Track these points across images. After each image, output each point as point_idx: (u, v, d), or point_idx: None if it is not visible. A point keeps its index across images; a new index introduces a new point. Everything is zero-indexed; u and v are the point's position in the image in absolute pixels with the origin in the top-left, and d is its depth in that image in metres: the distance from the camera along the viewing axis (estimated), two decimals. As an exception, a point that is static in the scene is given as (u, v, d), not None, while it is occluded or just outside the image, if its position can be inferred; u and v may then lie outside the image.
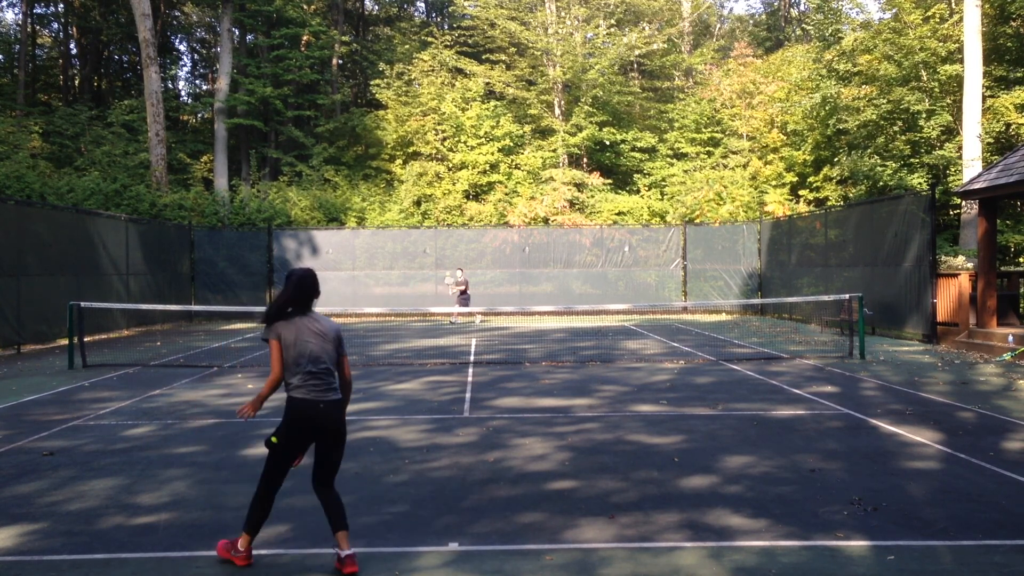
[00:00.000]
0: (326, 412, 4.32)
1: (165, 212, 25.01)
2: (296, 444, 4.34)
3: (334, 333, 4.44)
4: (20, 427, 8.06)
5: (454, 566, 4.34)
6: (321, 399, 4.32)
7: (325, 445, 4.39)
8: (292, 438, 4.32)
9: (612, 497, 5.53)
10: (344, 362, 4.50)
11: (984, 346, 13.65)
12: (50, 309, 15.64)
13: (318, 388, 4.32)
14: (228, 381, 11.17)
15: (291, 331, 4.32)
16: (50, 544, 4.71)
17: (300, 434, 4.33)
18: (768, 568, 4.26)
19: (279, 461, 4.36)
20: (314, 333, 4.35)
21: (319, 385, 4.33)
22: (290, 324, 4.34)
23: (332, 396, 4.37)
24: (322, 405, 4.32)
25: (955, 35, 22.20)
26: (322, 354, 4.35)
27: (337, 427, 4.38)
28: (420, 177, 29.37)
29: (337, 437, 4.40)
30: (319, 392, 4.32)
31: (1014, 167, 13.51)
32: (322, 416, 4.31)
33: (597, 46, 32.52)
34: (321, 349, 4.34)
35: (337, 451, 4.43)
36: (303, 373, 4.31)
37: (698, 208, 26.38)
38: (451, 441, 7.30)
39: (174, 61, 43.63)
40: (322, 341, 4.36)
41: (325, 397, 4.33)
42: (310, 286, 4.40)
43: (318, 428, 4.33)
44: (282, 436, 4.32)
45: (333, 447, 4.40)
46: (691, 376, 11.30)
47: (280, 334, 4.33)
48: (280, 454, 4.35)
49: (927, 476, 6.00)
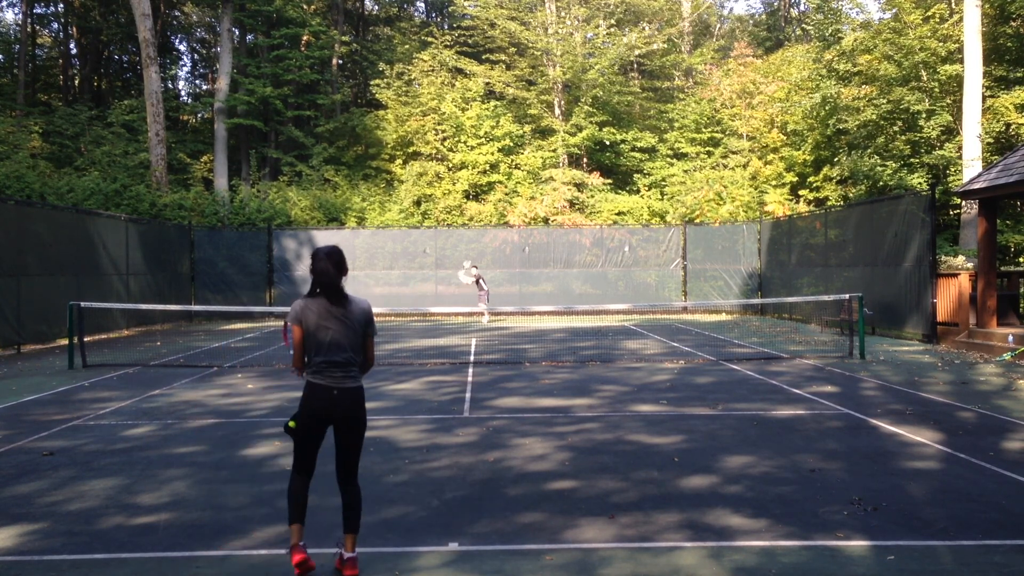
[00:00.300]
0: (339, 398, 4.21)
1: (165, 212, 25.01)
2: (310, 429, 4.26)
3: (363, 317, 4.29)
4: (20, 427, 8.06)
5: (454, 566, 4.33)
6: (336, 386, 4.21)
7: (340, 433, 4.29)
8: (306, 423, 4.25)
9: (612, 497, 5.53)
10: (370, 344, 4.37)
11: (984, 346, 13.65)
12: (50, 309, 15.64)
13: (334, 375, 4.22)
14: (228, 381, 11.17)
15: (312, 316, 4.20)
16: (50, 544, 4.71)
17: (313, 419, 4.24)
18: (768, 568, 4.26)
19: (299, 446, 4.29)
20: (337, 319, 4.21)
21: (336, 372, 4.22)
22: (312, 308, 4.21)
23: (348, 384, 4.25)
24: (336, 392, 4.21)
25: (955, 35, 22.20)
26: (343, 341, 4.22)
27: (350, 414, 4.25)
28: (420, 177, 29.38)
29: (352, 425, 4.27)
30: (335, 379, 4.22)
31: (1014, 167, 13.52)
32: (335, 402, 4.21)
33: (597, 46, 32.52)
34: (343, 336, 4.21)
35: (353, 440, 4.30)
36: (322, 360, 4.21)
37: (698, 208, 26.39)
38: (451, 441, 7.30)
39: (174, 61, 43.64)
40: (344, 327, 4.22)
41: (340, 384, 4.22)
42: (334, 265, 4.20)
43: (331, 414, 4.23)
44: (298, 420, 4.28)
45: (348, 435, 4.28)
46: (691, 376, 11.30)
47: (301, 319, 4.22)
48: (299, 439, 4.28)
49: (927, 476, 6.00)
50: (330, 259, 4.21)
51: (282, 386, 10.66)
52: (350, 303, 4.27)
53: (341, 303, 4.24)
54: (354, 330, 4.27)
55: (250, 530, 4.92)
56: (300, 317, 4.22)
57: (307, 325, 4.21)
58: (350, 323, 4.25)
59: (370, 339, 4.38)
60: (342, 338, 4.22)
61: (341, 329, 4.22)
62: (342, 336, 4.22)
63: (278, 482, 5.97)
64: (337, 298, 4.24)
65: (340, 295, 4.25)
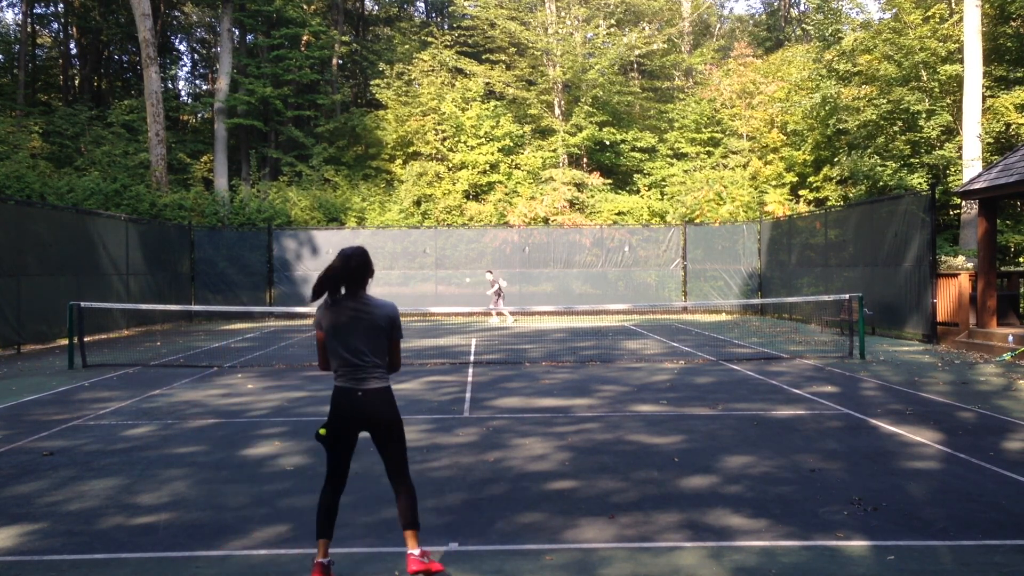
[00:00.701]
0: (365, 400, 4.09)
1: (165, 212, 25.02)
2: (339, 435, 4.16)
3: (386, 321, 4.13)
4: (20, 427, 8.06)
5: (454, 566, 4.33)
6: (359, 387, 4.10)
7: (376, 437, 4.19)
8: (335, 428, 4.15)
9: (612, 497, 5.53)
10: (394, 347, 4.23)
11: (984, 346, 13.65)
12: (50, 309, 15.64)
13: (357, 377, 4.10)
14: (228, 381, 11.17)
15: (333, 320, 4.08)
16: (50, 544, 4.71)
17: (341, 423, 4.14)
18: (768, 568, 4.26)
19: (329, 454, 4.19)
20: (359, 322, 4.08)
21: (358, 374, 4.10)
22: (334, 312, 4.09)
23: (373, 384, 4.11)
24: (360, 393, 4.09)
25: (955, 35, 22.21)
26: (364, 345, 4.09)
27: (381, 417, 4.13)
28: (420, 177, 29.38)
29: (387, 428, 4.16)
30: (357, 381, 4.10)
31: (1014, 167, 13.52)
32: (360, 404, 4.09)
33: (597, 46, 32.52)
34: (364, 339, 4.08)
35: (391, 443, 4.18)
36: (343, 364, 4.12)
37: (698, 208, 26.39)
38: (451, 441, 7.30)
39: (174, 61, 43.65)
40: (366, 330, 4.09)
41: (364, 385, 4.10)
42: (355, 267, 4.06)
43: (359, 418, 4.12)
44: (327, 426, 4.19)
45: (385, 438, 4.17)
46: (691, 376, 11.30)
47: (323, 324, 4.13)
48: (328, 445, 4.18)
49: (927, 476, 6.00)
50: (349, 261, 4.08)
51: (282, 386, 10.67)
52: (373, 306, 4.13)
53: (365, 305, 4.10)
54: (381, 332, 4.14)
55: (250, 530, 4.92)
56: (320, 321, 4.16)
57: (327, 329, 4.13)
58: (375, 327, 4.11)
59: (395, 342, 4.24)
60: (363, 342, 4.10)
61: (363, 332, 4.09)
62: (363, 340, 4.10)
63: (278, 482, 5.97)
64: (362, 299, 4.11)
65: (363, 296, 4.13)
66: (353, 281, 4.09)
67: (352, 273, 4.07)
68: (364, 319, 4.09)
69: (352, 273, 4.07)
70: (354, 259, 4.07)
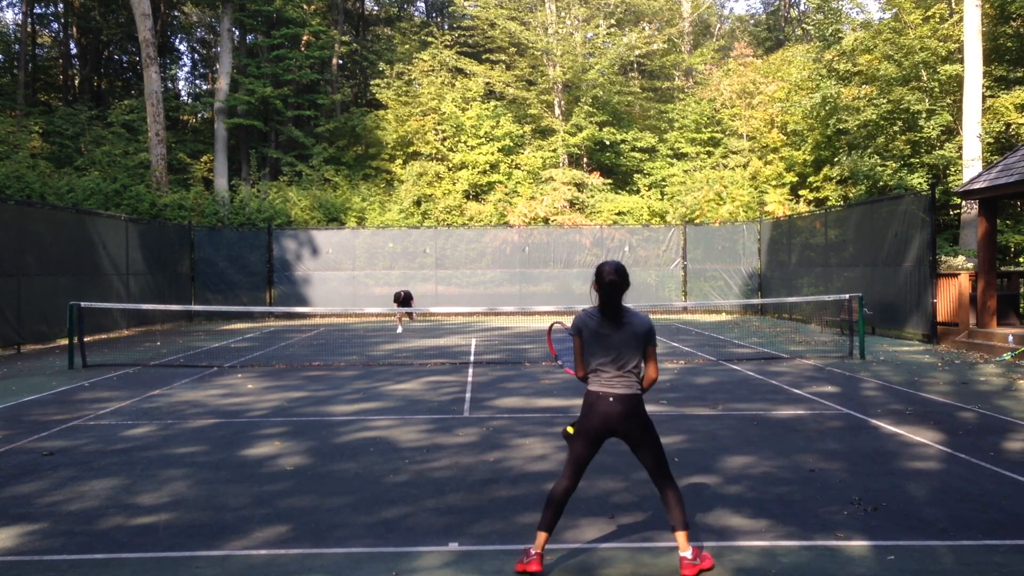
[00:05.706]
0: (614, 405, 4.20)
1: (165, 212, 25.01)
2: (586, 436, 4.27)
3: (642, 330, 4.26)
4: (20, 427, 8.06)
5: (454, 566, 4.33)
6: (611, 392, 4.22)
7: (628, 442, 4.30)
8: (583, 429, 4.28)
9: (612, 497, 5.54)
10: (650, 353, 4.32)
11: (984, 346, 13.65)
12: (50, 309, 15.64)
13: (610, 383, 4.23)
14: (228, 381, 11.17)
15: (591, 328, 4.25)
16: (50, 544, 4.70)
17: (589, 426, 4.26)
18: (768, 568, 4.26)
19: (571, 452, 4.30)
20: (617, 332, 4.23)
21: (611, 380, 4.23)
22: (593, 319, 4.25)
23: (624, 390, 4.23)
24: (611, 398, 4.21)
25: (955, 35, 22.20)
26: (618, 354, 4.23)
27: (630, 423, 4.22)
28: (420, 177, 29.38)
29: (639, 433, 4.24)
30: (610, 386, 4.23)
31: (1014, 167, 13.51)
32: (609, 409, 4.20)
33: (597, 46, 32.52)
34: (620, 349, 4.23)
35: (645, 446, 4.26)
36: (598, 370, 4.26)
37: (698, 208, 26.39)
38: (451, 441, 7.30)
39: (174, 61, 43.63)
40: (622, 340, 4.23)
41: (615, 390, 4.22)
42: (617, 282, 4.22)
43: (608, 423, 4.22)
44: (577, 426, 4.32)
45: (638, 442, 4.26)
46: (691, 376, 11.30)
47: (581, 329, 4.28)
48: (575, 445, 4.30)
49: (927, 476, 6.00)
50: (611, 276, 4.22)
51: (282, 386, 10.67)
52: (630, 317, 4.27)
53: (622, 316, 4.26)
54: (636, 342, 4.26)
55: (250, 530, 4.92)
56: (578, 327, 4.29)
57: (585, 336, 4.27)
58: (631, 336, 4.25)
59: (651, 348, 4.33)
60: (618, 352, 4.23)
61: (619, 341, 4.23)
62: (618, 349, 4.23)
63: (278, 482, 5.97)
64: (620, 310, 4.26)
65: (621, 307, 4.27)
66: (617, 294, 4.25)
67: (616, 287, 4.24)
68: (622, 328, 4.24)
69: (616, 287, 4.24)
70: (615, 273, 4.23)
